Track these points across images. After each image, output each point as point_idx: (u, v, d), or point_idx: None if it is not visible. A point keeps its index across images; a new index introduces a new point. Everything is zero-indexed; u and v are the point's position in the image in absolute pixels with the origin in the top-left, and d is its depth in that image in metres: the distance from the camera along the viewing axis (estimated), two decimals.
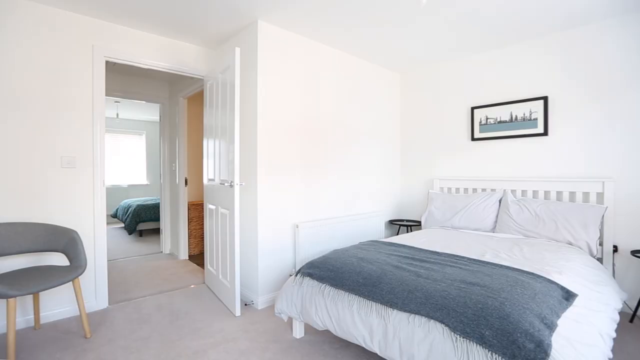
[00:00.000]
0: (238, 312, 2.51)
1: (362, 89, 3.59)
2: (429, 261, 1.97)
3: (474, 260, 2.00)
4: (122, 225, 6.43)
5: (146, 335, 2.21)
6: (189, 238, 4.22)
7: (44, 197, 2.41)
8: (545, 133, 2.94)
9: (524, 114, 3.06)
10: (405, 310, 1.54)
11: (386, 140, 3.93)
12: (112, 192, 6.97)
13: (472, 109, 3.40)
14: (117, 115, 5.95)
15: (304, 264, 2.73)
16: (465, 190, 3.47)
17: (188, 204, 4.21)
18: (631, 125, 2.55)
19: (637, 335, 2.20)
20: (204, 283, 3.23)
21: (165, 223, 4.40)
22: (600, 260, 2.60)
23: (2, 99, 2.26)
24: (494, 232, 2.95)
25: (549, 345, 1.20)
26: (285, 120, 2.86)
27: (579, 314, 1.50)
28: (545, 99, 2.93)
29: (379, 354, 1.61)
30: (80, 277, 2.55)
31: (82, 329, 2.29)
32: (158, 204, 5.54)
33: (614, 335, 1.62)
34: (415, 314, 1.51)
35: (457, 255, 2.10)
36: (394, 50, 3.28)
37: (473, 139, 3.41)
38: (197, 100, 4.52)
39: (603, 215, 2.53)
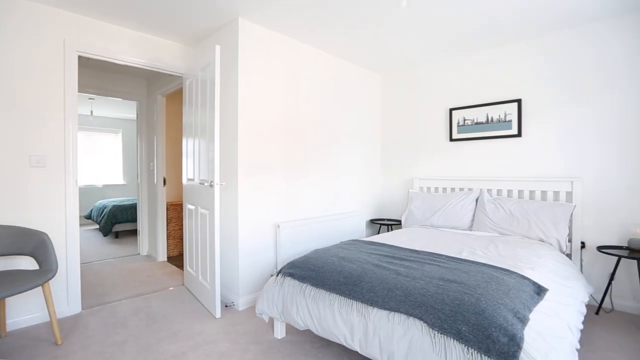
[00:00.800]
0: (218, 314, 2.47)
1: (343, 89, 3.61)
2: (408, 259, 2.01)
3: (452, 258, 2.05)
4: (97, 226, 6.21)
5: (122, 340, 2.14)
6: (167, 239, 4.12)
7: (11, 198, 2.30)
8: (519, 134, 3.05)
9: (499, 116, 3.16)
10: (385, 308, 1.56)
11: (367, 140, 3.98)
12: (86, 192, 6.71)
13: (451, 110, 3.49)
14: (92, 112, 5.74)
15: (285, 264, 2.72)
16: (444, 189, 3.55)
17: (167, 204, 4.11)
18: (598, 129, 2.68)
19: (602, 326, 2.32)
20: (183, 285, 3.17)
21: (142, 224, 4.28)
22: (569, 256, 2.72)
23: None
24: (471, 230, 3.04)
25: (522, 339, 1.25)
26: (267, 119, 2.84)
27: (550, 307, 1.57)
28: (519, 101, 3.04)
29: (359, 352, 1.62)
30: (50, 282, 2.44)
31: (53, 335, 2.19)
32: (135, 204, 5.38)
33: (582, 327, 1.71)
34: (395, 311, 1.53)
35: (436, 254, 2.15)
36: (375, 51, 3.32)
37: (451, 139, 3.50)
38: (176, 98, 4.42)
39: (572, 214, 2.65)
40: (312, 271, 1.96)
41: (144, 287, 3.11)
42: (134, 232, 5.69)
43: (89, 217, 5.81)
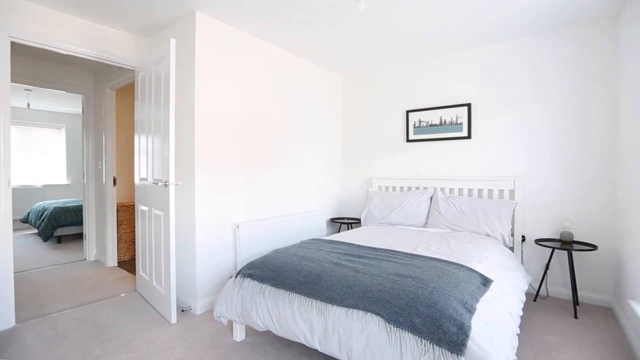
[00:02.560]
0: (174, 319, 2.37)
1: (305, 89, 3.62)
2: (367, 257, 2.07)
3: (408, 254, 2.14)
4: (36, 231, 5.66)
5: (64, 354, 1.97)
6: (118, 243, 3.86)
7: None
8: (469, 136, 3.26)
9: (452, 119, 3.35)
10: (344, 305, 1.59)
11: (329, 139, 4.02)
12: (22, 193, 6.09)
13: (407, 112, 3.63)
14: (29, 105, 5.21)
15: (245, 264, 2.67)
16: (401, 188, 3.70)
17: (117, 206, 3.85)
18: (535, 132, 2.94)
19: (539, 312, 2.55)
20: (136, 291, 2.99)
21: (89, 227, 3.97)
22: (511, 249, 2.96)
23: None
24: (426, 227, 3.19)
25: (469, 327, 1.34)
26: (226, 117, 2.76)
27: (494, 297, 1.69)
28: (468, 105, 3.25)
29: (319, 350, 1.64)
30: None
31: None
32: (80, 206, 4.97)
33: (521, 313, 1.86)
34: (353, 308, 1.57)
35: (393, 250, 2.23)
36: (336, 51, 3.37)
37: (408, 140, 3.65)
38: (127, 92, 4.15)
39: (514, 210, 2.88)
40: (271, 271, 1.94)
41: (90, 295, 2.89)
42: (79, 236, 5.26)
43: (25, 220, 5.28)
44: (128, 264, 3.82)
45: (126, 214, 3.95)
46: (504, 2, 2.37)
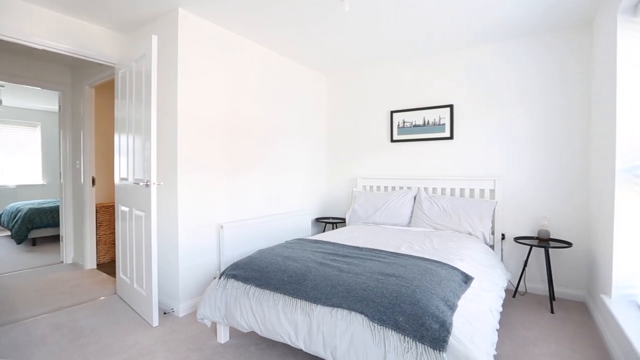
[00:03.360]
0: (156, 322, 2.32)
1: (289, 88, 3.61)
2: (351, 256, 2.08)
3: (392, 253, 2.16)
4: (9, 233, 5.43)
5: None
6: (97, 245, 3.75)
7: None
8: (452, 137, 3.33)
9: (435, 120, 3.41)
10: (328, 305, 1.60)
11: (313, 139, 4.02)
12: None
13: (392, 112, 3.68)
14: (1, 102, 4.99)
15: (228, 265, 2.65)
16: (385, 188, 3.74)
17: (96, 206, 3.74)
18: (516, 133, 3.03)
19: (518, 307, 2.63)
20: (116, 294, 2.91)
21: (66, 229, 3.84)
22: (492, 247, 3.04)
23: None
24: (409, 226, 3.23)
25: (451, 324, 1.37)
26: (209, 116, 2.73)
27: (475, 294, 1.73)
28: (451, 106, 3.31)
29: (304, 349, 1.64)
30: None
31: None
32: (57, 206, 4.80)
33: (501, 309, 1.92)
34: (338, 307, 1.57)
35: (377, 249, 2.25)
36: (320, 51, 3.37)
37: (392, 140, 3.69)
38: (106, 89, 4.04)
39: (494, 209, 2.96)
40: (256, 272, 1.93)
41: (68, 299, 2.79)
42: (55, 239, 5.08)
43: None
44: (108, 266, 3.72)
45: (106, 215, 3.84)
46: (488, 8, 2.43)
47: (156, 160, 2.33)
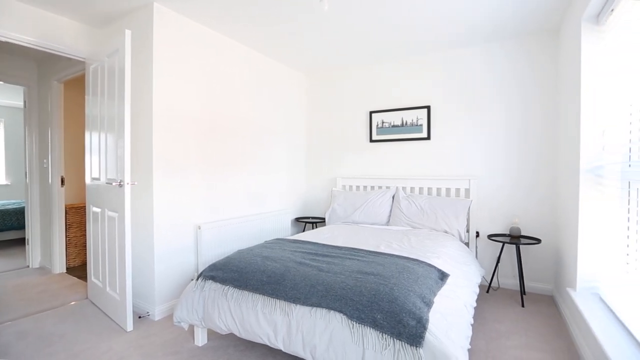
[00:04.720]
0: (130, 327, 2.25)
1: (269, 87, 3.58)
2: (330, 255, 2.09)
3: (371, 251, 2.19)
4: None
5: None
6: (67, 247, 3.58)
7: None
8: (429, 137, 3.40)
9: (412, 120, 3.48)
10: (307, 304, 1.60)
11: (293, 139, 4.01)
12: None
13: (371, 113, 3.72)
14: None
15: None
16: (365, 188, 3.78)
17: (65, 207, 3.57)
18: (490, 134, 3.14)
19: (491, 302, 2.73)
20: (87, 299, 2.79)
21: (33, 231, 3.65)
22: (467, 244, 3.13)
23: None
24: (388, 225, 3.28)
25: (427, 320, 1.40)
26: (186, 114, 2.66)
27: (450, 290, 1.78)
28: (428, 107, 3.39)
29: (283, 350, 1.63)
30: None
31: None
32: (22, 208, 4.55)
33: (475, 304, 1.98)
34: (317, 306, 1.58)
35: (356, 248, 2.27)
36: (299, 50, 3.36)
37: (371, 140, 3.74)
38: (76, 85, 3.86)
39: (469, 208, 3.05)
40: (234, 272, 1.91)
41: (34, 305, 2.66)
42: (20, 242, 4.81)
43: None
44: (78, 270, 3.56)
45: (76, 217, 3.68)
46: (466, 11, 2.50)
47: (130, 160, 2.25)
